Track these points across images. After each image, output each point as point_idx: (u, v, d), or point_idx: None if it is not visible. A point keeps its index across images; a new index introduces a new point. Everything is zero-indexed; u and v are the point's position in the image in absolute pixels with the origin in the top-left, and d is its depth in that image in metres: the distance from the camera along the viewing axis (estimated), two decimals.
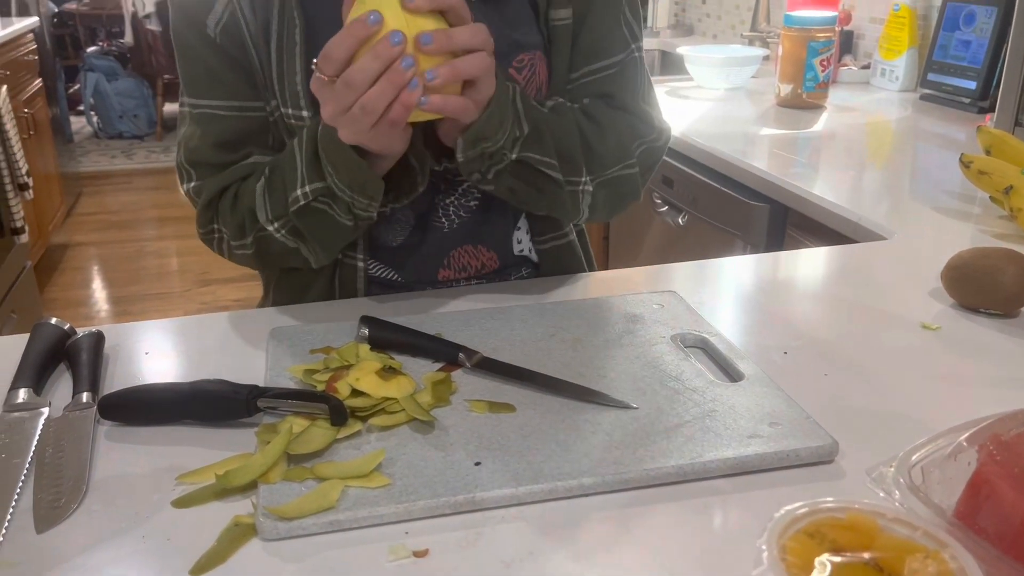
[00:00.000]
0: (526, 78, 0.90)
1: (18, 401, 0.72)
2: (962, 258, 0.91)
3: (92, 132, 5.60)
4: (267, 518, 0.57)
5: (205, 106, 0.88)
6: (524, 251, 1.02)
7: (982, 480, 0.49)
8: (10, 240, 2.69)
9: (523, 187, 0.87)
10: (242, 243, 0.90)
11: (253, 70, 0.87)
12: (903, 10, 2.04)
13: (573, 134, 0.88)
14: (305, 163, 0.81)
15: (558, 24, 0.91)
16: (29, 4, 4.01)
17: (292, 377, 0.75)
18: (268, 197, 0.85)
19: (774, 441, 0.65)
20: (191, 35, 0.87)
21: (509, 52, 0.89)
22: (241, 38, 0.86)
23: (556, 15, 0.90)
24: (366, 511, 0.58)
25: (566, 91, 0.94)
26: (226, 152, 0.89)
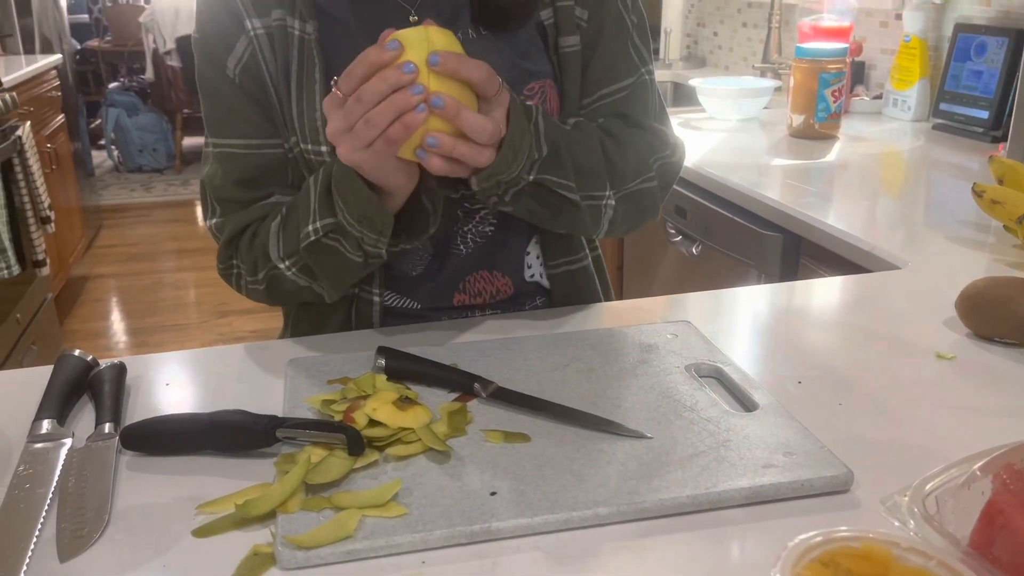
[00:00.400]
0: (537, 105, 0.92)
1: (42, 432, 0.74)
2: (976, 287, 0.91)
3: (113, 166, 5.68)
4: (285, 547, 0.58)
5: (225, 145, 0.91)
6: (535, 276, 1.03)
7: (996, 509, 0.49)
8: (32, 273, 2.73)
9: (540, 208, 0.88)
10: (255, 279, 0.92)
11: (272, 108, 0.89)
12: (914, 41, 2.05)
13: (596, 150, 0.90)
14: (318, 199, 0.83)
15: (567, 51, 0.93)
16: (53, 41, 4.09)
17: (310, 407, 0.76)
18: (282, 235, 0.87)
19: (789, 471, 0.65)
20: (212, 76, 0.90)
21: (519, 80, 0.91)
22: (261, 77, 0.89)
23: (565, 42, 0.93)
24: (383, 540, 0.59)
25: (579, 116, 0.95)
26: (247, 189, 0.91)
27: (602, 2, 0.94)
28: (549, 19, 0.93)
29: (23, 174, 2.60)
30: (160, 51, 5.24)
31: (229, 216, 0.92)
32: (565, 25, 0.92)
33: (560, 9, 0.92)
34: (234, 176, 0.91)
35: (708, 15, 3.14)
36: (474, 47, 0.90)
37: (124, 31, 5.98)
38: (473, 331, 0.93)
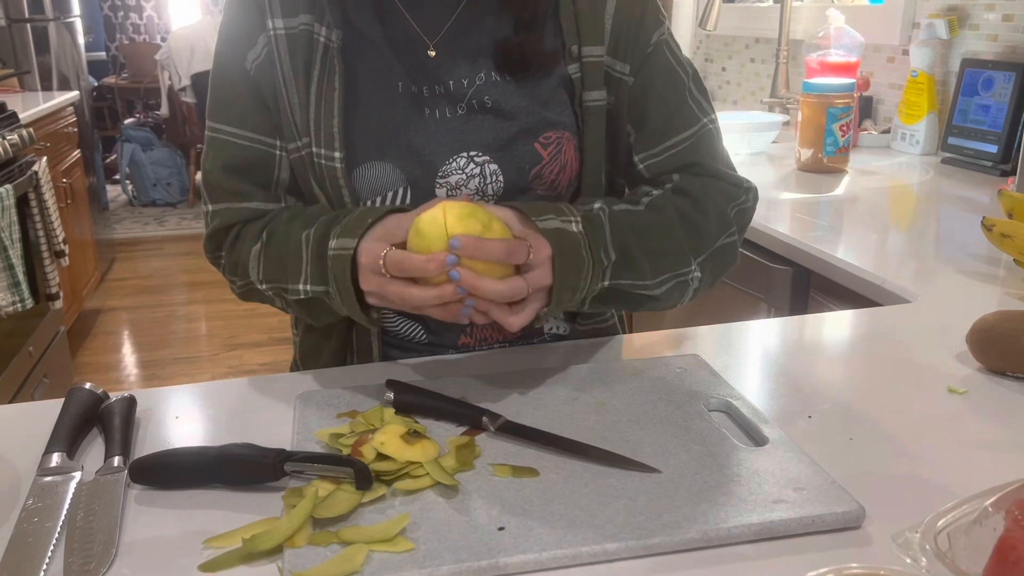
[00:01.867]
0: (551, 154, 0.93)
1: (51, 465, 0.74)
2: (987, 321, 0.90)
3: (127, 200, 5.75)
4: None
5: (220, 130, 0.93)
6: (553, 329, 1.03)
7: (1009, 546, 0.49)
8: (45, 306, 2.75)
9: (622, 304, 0.90)
10: (233, 282, 0.96)
11: (281, 110, 0.91)
12: (921, 76, 2.06)
13: (676, 228, 0.88)
14: (310, 263, 0.84)
15: (591, 105, 0.93)
16: (70, 78, 4.16)
17: (319, 441, 0.76)
18: (263, 261, 0.89)
19: (799, 506, 0.64)
20: (230, 64, 0.92)
21: (537, 128, 0.92)
22: (273, 79, 0.90)
23: (589, 96, 0.93)
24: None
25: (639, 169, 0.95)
26: (231, 178, 0.92)
27: (648, 55, 0.94)
28: (576, 73, 0.92)
29: (38, 208, 2.63)
30: (175, 87, 5.32)
31: (218, 207, 0.93)
32: (591, 79, 0.92)
33: (588, 64, 0.92)
34: (222, 162, 0.92)
35: (716, 51, 3.17)
36: (495, 89, 0.92)
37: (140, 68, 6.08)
38: (481, 364, 0.93)
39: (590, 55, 0.92)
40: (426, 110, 0.91)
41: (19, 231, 2.42)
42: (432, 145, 0.91)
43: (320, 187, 0.91)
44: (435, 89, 0.91)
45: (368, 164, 0.90)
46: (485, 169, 0.91)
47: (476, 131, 0.91)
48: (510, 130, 0.91)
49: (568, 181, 0.95)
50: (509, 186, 0.92)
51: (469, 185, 0.91)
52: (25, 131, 2.68)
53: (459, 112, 0.91)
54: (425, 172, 0.91)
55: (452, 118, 0.91)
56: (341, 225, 0.83)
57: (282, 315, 3.74)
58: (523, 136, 0.91)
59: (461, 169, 0.91)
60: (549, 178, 0.93)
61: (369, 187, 0.91)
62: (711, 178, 0.94)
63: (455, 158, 0.91)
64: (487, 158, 0.91)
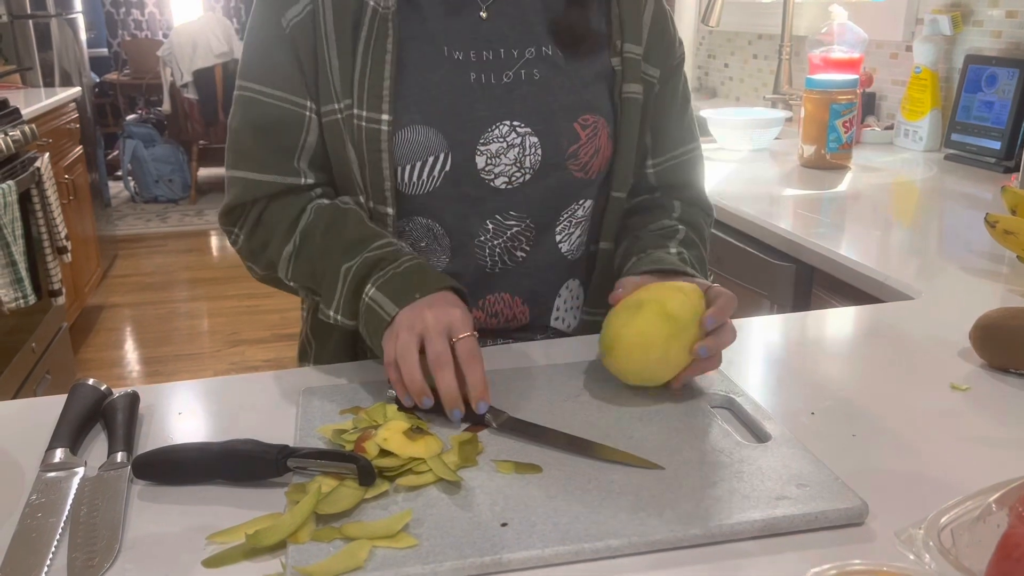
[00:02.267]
0: (588, 136, 0.95)
1: (55, 461, 0.74)
2: (990, 318, 0.90)
3: (129, 196, 5.75)
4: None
5: (251, 88, 0.92)
6: (558, 320, 1.03)
7: (1012, 543, 0.49)
8: (47, 302, 2.75)
9: None
10: (252, 267, 0.99)
11: (320, 71, 0.90)
12: (924, 72, 2.06)
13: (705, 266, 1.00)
14: (343, 298, 0.86)
15: (629, 97, 0.97)
16: (72, 74, 4.16)
17: (321, 437, 0.76)
18: (293, 265, 0.91)
19: (802, 503, 0.64)
20: (266, 22, 0.91)
21: (576, 107, 0.95)
22: (314, 38, 0.90)
23: (628, 88, 0.97)
24: (393, 572, 0.58)
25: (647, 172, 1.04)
26: (258, 138, 0.92)
27: (674, 70, 1.03)
28: (618, 66, 0.97)
29: (40, 204, 2.63)
30: (177, 84, 5.32)
31: (235, 176, 0.93)
32: (630, 73, 0.97)
33: (628, 59, 0.97)
34: (250, 120, 0.92)
35: (719, 47, 3.16)
36: (544, 63, 0.94)
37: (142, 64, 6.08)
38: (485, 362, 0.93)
39: (630, 52, 0.97)
40: (472, 75, 0.92)
41: (21, 227, 2.42)
42: (476, 111, 0.92)
43: (356, 151, 0.91)
44: (483, 55, 0.92)
45: (410, 128, 0.91)
46: (526, 141, 0.93)
47: (520, 101, 0.93)
48: (552, 105, 0.93)
49: (599, 167, 0.97)
50: (546, 161, 0.94)
51: (508, 155, 0.93)
52: (27, 127, 2.68)
53: (504, 80, 0.93)
54: (467, 138, 0.92)
55: (497, 85, 0.92)
56: (386, 276, 0.83)
57: (285, 312, 3.74)
58: (563, 113, 0.94)
59: (503, 137, 0.92)
60: (583, 159, 0.95)
61: (410, 151, 0.91)
62: (698, 208, 1.06)
63: (497, 125, 0.92)
64: (529, 130, 0.93)
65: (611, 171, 0.99)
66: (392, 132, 0.90)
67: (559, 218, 0.98)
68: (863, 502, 0.64)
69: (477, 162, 0.92)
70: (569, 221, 1.00)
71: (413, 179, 0.92)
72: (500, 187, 0.93)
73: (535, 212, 0.96)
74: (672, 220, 1.01)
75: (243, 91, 0.93)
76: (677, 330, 0.79)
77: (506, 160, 0.93)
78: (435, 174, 0.92)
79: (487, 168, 0.92)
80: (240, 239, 0.97)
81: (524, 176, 0.94)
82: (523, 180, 0.94)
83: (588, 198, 1.00)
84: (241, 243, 0.97)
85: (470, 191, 0.93)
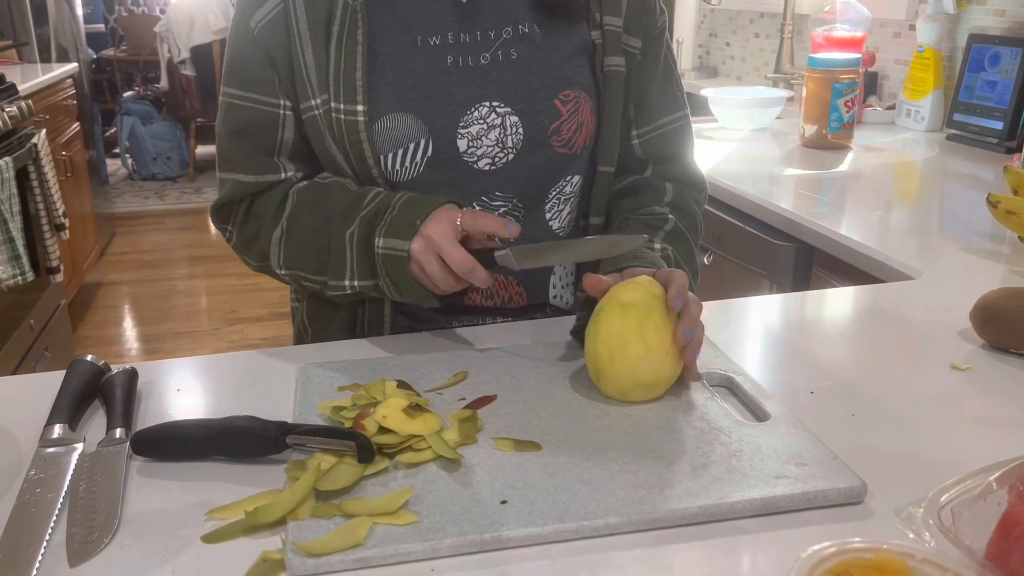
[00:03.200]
0: (569, 112, 0.94)
1: (53, 437, 0.74)
2: (991, 298, 0.90)
3: (127, 174, 5.72)
4: (295, 554, 0.58)
5: (229, 93, 0.94)
6: (556, 297, 1.03)
7: (1013, 521, 0.49)
8: (46, 279, 2.75)
9: None
10: (246, 258, 0.99)
11: (295, 69, 0.91)
12: (927, 52, 2.04)
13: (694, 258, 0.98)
14: (356, 262, 0.87)
15: (611, 70, 0.96)
16: (69, 50, 4.13)
17: (320, 414, 0.76)
18: (283, 249, 0.92)
19: (801, 482, 0.64)
20: (237, 27, 0.93)
21: (557, 84, 0.94)
22: (284, 35, 0.90)
23: (610, 61, 0.96)
24: (393, 548, 0.58)
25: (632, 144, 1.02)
26: (236, 141, 0.94)
27: (655, 39, 1.01)
28: (598, 39, 0.96)
29: (38, 181, 2.62)
30: (175, 60, 5.28)
31: (224, 178, 0.96)
32: (611, 46, 0.96)
33: (608, 32, 0.96)
34: (228, 125, 0.94)
35: (720, 26, 3.14)
36: (522, 42, 0.93)
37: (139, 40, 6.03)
38: (484, 340, 0.93)
39: (610, 24, 0.96)
40: (448, 58, 0.92)
41: (19, 204, 2.41)
42: (454, 94, 0.91)
43: (338, 144, 0.91)
44: (460, 38, 0.92)
45: (389, 116, 0.91)
46: (506, 121, 0.93)
47: (498, 81, 0.92)
48: (531, 84, 0.93)
49: (583, 142, 0.97)
50: (528, 140, 0.94)
51: (489, 136, 0.92)
52: (24, 103, 2.66)
53: (482, 62, 0.92)
54: (447, 122, 0.91)
55: (475, 67, 0.92)
56: (386, 223, 0.85)
57: (283, 290, 3.73)
58: (544, 91, 0.93)
59: (483, 119, 0.92)
60: (566, 135, 0.95)
61: (390, 139, 0.91)
62: (689, 187, 1.04)
63: (477, 107, 0.92)
64: (508, 109, 0.93)
65: (596, 145, 0.98)
66: (370, 122, 0.90)
67: (547, 196, 0.98)
68: (862, 481, 0.64)
69: (459, 145, 0.92)
70: (558, 198, 0.99)
71: (397, 166, 0.92)
72: (484, 168, 0.93)
73: (521, 191, 0.96)
74: (663, 207, 1.00)
75: (224, 96, 0.95)
76: (641, 316, 0.76)
77: (488, 141, 0.92)
78: (417, 160, 0.92)
79: (469, 151, 0.92)
80: (233, 235, 0.99)
81: (507, 156, 0.94)
82: (506, 160, 0.94)
83: (576, 174, 0.99)
84: (234, 238, 0.99)
85: (454, 174, 0.93)
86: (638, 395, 0.77)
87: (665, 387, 0.78)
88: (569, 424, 0.74)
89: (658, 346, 0.75)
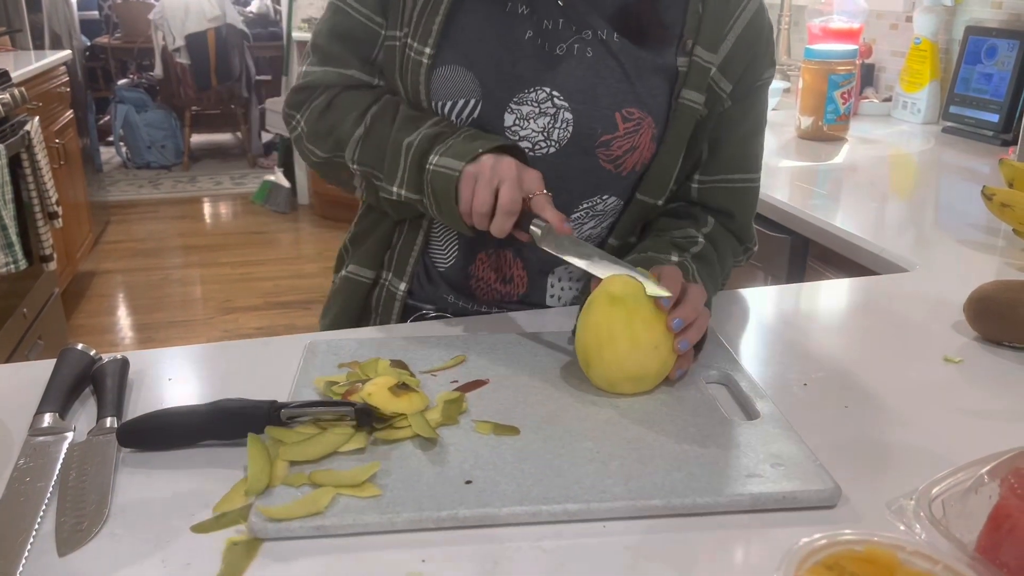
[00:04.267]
0: (627, 130, 0.91)
1: (44, 425, 0.73)
2: (985, 291, 0.90)
3: (121, 162, 5.69)
4: (257, 517, 0.60)
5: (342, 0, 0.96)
6: (555, 297, 1.02)
7: (1004, 514, 0.48)
8: (39, 268, 2.74)
9: None
10: (314, 151, 0.98)
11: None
12: (924, 44, 2.04)
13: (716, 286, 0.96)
14: (407, 172, 0.88)
15: (686, 103, 0.92)
16: (62, 37, 4.10)
17: (315, 388, 0.78)
18: (360, 148, 0.93)
19: (773, 482, 0.63)
20: None
21: (624, 97, 0.91)
22: None
23: (688, 95, 0.92)
24: (351, 519, 0.60)
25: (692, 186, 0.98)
26: (333, 41, 0.96)
27: (753, 91, 0.96)
28: (683, 67, 0.92)
29: (31, 169, 2.61)
30: (169, 48, 5.25)
31: (314, 69, 0.97)
32: (695, 79, 0.91)
33: (696, 64, 0.91)
34: (330, 24, 0.96)
35: None
36: (600, 47, 0.91)
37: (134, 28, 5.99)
38: (487, 328, 0.93)
39: (701, 57, 0.91)
40: (529, 32, 0.91)
41: (12, 192, 2.40)
42: (519, 68, 0.91)
43: (402, 80, 0.93)
44: (542, 23, 0.91)
45: (450, 67, 0.91)
46: (560, 113, 0.91)
47: (565, 74, 0.91)
48: (596, 88, 0.91)
49: (633, 165, 0.93)
50: (574, 142, 0.92)
51: (537, 121, 0.91)
52: (17, 90, 2.64)
53: (557, 52, 0.91)
54: (502, 91, 0.91)
55: (549, 52, 0.91)
56: (447, 145, 0.86)
57: (278, 280, 3.73)
58: (607, 99, 0.91)
59: (537, 103, 0.91)
60: (616, 153, 0.92)
61: (444, 89, 0.91)
62: (734, 237, 1.00)
63: (536, 89, 0.91)
64: (566, 104, 0.91)
65: (646, 173, 0.95)
66: (432, 67, 0.91)
67: (578, 205, 0.96)
68: (835, 485, 0.63)
69: (505, 119, 0.91)
70: (587, 212, 0.97)
71: (450, 117, 0.92)
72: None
73: (552, 189, 0.93)
74: (697, 232, 0.96)
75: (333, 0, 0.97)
76: (628, 311, 0.75)
77: (534, 126, 0.91)
78: (463, 118, 0.92)
79: (513, 128, 0.92)
80: (301, 124, 0.98)
81: (548, 148, 0.92)
82: (546, 152, 0.92)
83: (614, 195, 0.96)
84: (303, 128, 0.98)
85: None
86: (627, 387, 0.77)
87: (655, 380, 0.77)
88: (553, 412, 0.74)
89: (645, 339, 0.75)
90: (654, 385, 0.78)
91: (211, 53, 5.27)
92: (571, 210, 0.96)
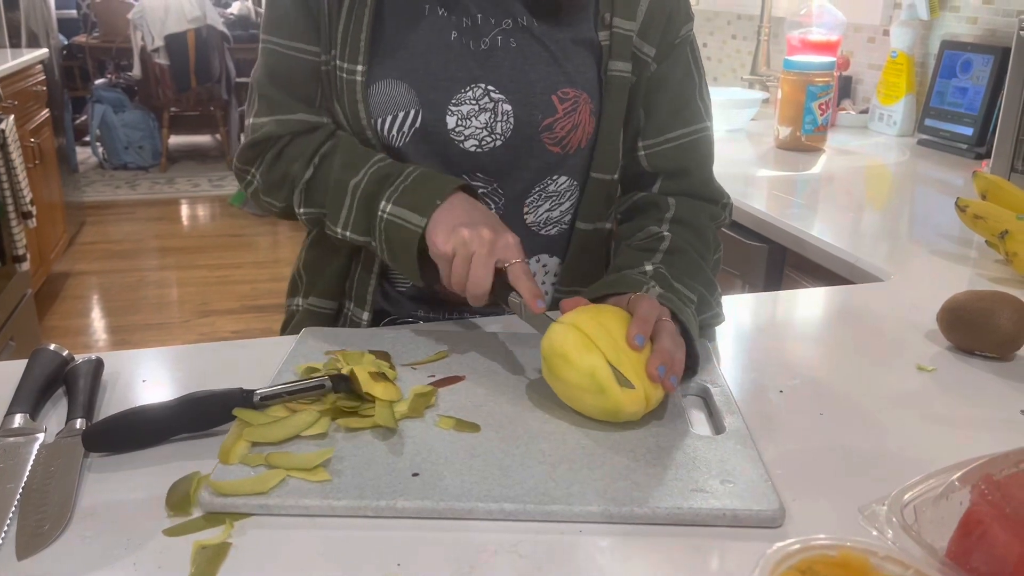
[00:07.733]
0: (566, 111, 0.93)
1: (14, 426, 0.72)
2: (958, 301, 0.91)
3: (97, 162, 5.64)
4: (206, 490, 0.62)
5: (269, 41, 0.95)
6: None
7: (974, 520, 0.49)
8: (11, 268, 2.70)
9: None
10: (272, 202, 0.97)
11: (320, 18, 0.92)
12: (900, 57, 2.07)
13: (701, 261, 0.93)
14: (354, 214, 0.87)
15: (615, 75, 0.94)
16: (39, 35, 4.06)
17: (296, 374, 0.80)
18: (306, 192, 0.92)
19: (716, 499, 0.62)
20: None
21: (556, 82, 0.93)
22: None
23: (615, 66, 0.94)
24: (293, 501, 0.61)
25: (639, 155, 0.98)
26: (275, 87, 0.94)
27: (674, 46, 0.97)
28: (605, 41, 0.94)
29: (5, 168, 2.57)
30: (148, 48, 5.21)
31: (262, 121, 0.95)
32: (618, 50, 0.93)
33: (617, 35, 0.93)
34: (268, 71, 0.95)
35: (698, 27, 3.15)
36: (521, 34, 0.93)
37: (112, 27, 5.94)
38: (469, 331, 0.93)
39: (620, 27, 0.93)
40: (453, 33, 0.92)
41: None
42: (451, 70, 0.92)
43: (339, 102, 0.93)
44: (462, 21, 0.92)
45: (385, 81, 0.91)
46: (499, 107, 0.92)
47: (496, 68, 0.92)
48: (529, 75, 0.92)
49: (579, 143, 0.95)
50: (518, 130, 0.93)
51: (479, 118, 0.92)
52: None
53: (483, 46, 0.92)
54: (439, 97, 0.91)
55: (475, 50, 0.92)
56: (398, 190, 0.85)
57: (256, 283, 3.70)
58: (541, 85, 0.92)
59: (475, 100, 0.92)
60: (560, 134, 0.94)
61: (382, 105, 0.92)
62: (699, 201, 0.99)
63: (471, 87, 0.92)
64: (503, 96, 0.92)
65: (593, 149, 0.97)
66: (366, 84, 0.91)
67: (530, 190, 0.98)
68: (780, 506, 0.62)
69: (448, 122, 0.92)
70: (540, 195, 0.99)
71: (388, 132, 0.93)
72: (470, 149, 0.93)
73: (504, 180, 0.96)
74: (659, 227, 0.95)
75: (265, 43, 0.95)
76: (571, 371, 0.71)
77: (477, 123, 0.93)
78: (405, 130, 0.92)
79: (457, 129, 0.92)
80: (256, 178, 0.97)
81: (495, 142, 0.93)
82: (493, 145, 0.94)
83: (565, 175, 0.98)
84: (258, 181, 0.97)
85: (440, 149, 0.93)
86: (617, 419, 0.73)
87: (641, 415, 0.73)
88: (520, 412, 0.74)
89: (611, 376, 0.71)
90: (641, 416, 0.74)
91: (191, 54, 5.23)
92: (526, 195, 0.98)
